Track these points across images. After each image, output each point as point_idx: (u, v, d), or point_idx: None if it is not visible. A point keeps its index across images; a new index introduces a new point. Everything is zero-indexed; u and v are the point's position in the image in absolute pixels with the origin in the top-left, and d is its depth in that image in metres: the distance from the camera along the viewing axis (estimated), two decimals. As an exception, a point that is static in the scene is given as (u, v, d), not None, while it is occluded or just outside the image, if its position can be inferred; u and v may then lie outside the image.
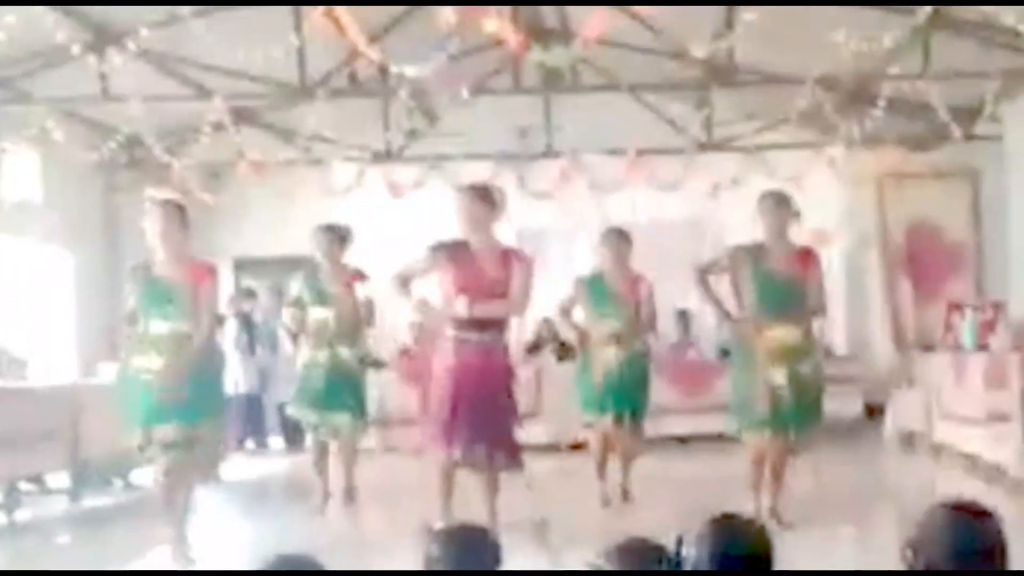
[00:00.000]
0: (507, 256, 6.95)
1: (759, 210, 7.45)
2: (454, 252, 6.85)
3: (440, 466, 6.89)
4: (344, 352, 8.55)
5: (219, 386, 7.44)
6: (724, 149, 14.43)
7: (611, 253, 8.55)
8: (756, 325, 7.29)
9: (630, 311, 8.49)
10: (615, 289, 8.52)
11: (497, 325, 6.94)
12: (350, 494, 8.88)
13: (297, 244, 15.08)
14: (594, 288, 8.58)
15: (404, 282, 6.98)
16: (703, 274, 7.69)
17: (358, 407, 8.72)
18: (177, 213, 6.90)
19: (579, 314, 8.80)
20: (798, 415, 7.30)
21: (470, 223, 6.90)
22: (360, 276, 8.68)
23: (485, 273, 6.82)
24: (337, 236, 8.73)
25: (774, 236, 7.41)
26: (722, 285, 7.65)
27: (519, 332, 8.63)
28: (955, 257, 14.80)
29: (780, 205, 7.44)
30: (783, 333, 7.26)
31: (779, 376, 7.21)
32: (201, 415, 6.81)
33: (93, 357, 12.27)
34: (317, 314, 8.51)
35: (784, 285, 7.32)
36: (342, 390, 8.54)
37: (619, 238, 8.59)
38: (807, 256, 7.53)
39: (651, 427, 8.82)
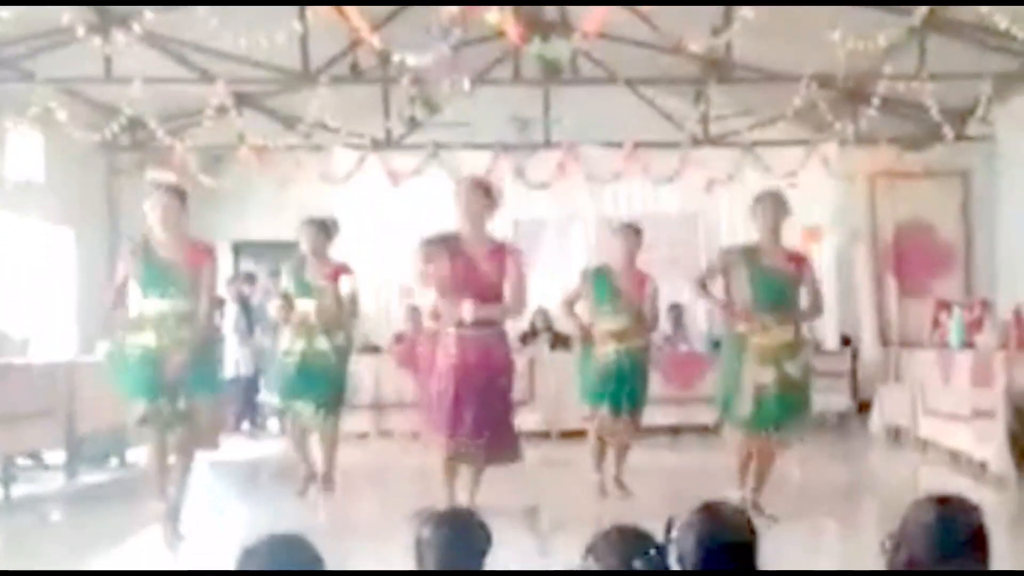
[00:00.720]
0: (500, 251, 7.05)
1: (754, 210, 7.51)
2: (447, 246, 6.93)
3: (443, 456, 6.98)
4: (322, 343, 8.54)
5: (217, 363, 7.55)
6: (720, 144, 14.57)
7: (622, 249, 8.60)
8: (748, 322, 7.36)
9: (634, 309, 8.54)
10: (621, 286, 8.55)
11: (495, 319, 7.07)
12: (328, 482, 8.85)
13: (296, 229, 15.29)
14: (599, 283, 8.60)
15: (410, 290, 7.29)
16: (702, 283, 7.76)
17: (329, 397, 8.71)
18: (177, 197, 7.02)
19: (581, 306, 8.82)
20: (781, 415, 7.37)
21: (467, 215, 7.01)
22: (345, 270, 8.73)
23: (479, 269, 6.92)
24: (323, 229, 8.79)
25: (768, 236, 7.48)
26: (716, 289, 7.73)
27: (513, 321, 8.70)
28: (945, 256, 14.92)
29: (776, 206, 7.49)
30: (774, 332, 7.34)
31: (765, 375, 7.30)
32: (200, 390, 6.95)
33: (92, 335, 12.38)
34: (300, 305, 8.58)
35: (777, 284, 7.40)
36: (313, 380, 8.55)
37: (632, 234, 8.63)
38: (800, 260, 7.64)
39: (643, 418, 8.91)
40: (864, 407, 13.59)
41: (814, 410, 8.02)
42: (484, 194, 7.07)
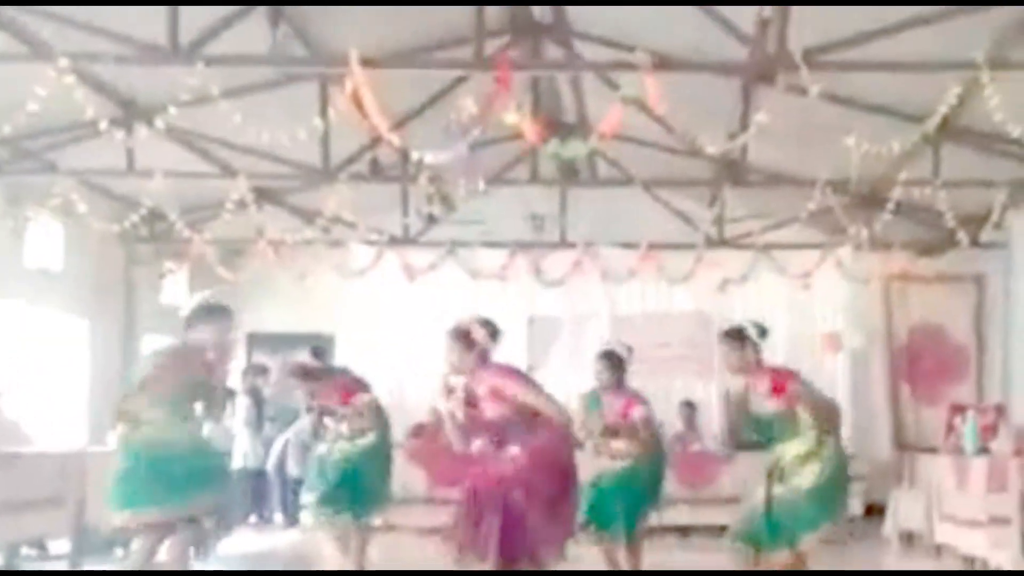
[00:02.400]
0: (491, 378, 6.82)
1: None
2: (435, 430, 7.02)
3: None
4: (361, 442, 8.72)
5: (223, 465, 7.54)
6: (734, 246, 14.65)
7: (604, 377, 8.62)
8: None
9: (625, 433, 8.54)
10: (607, 416, 8.57)
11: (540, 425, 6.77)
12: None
13: (311, 322, 15.41)
14: (592, 408, 8.65)
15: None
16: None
17: (374, 496, 8.84)
18: (233, 325, 7.32)
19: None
20: (797, 527, 7.21)
21: (451, 367, 6.88)
22: (360, 388, 8.94)
23: (483, 415, 6.83)
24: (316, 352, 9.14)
25: (739, 377, 7.44)
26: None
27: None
28: (958, 360, 14.93)
29: (727, 346, 7.44)
30: (786, 450, 7.31)
31: (778, 488, 7.25)
32: (201, 493, 6.90)
33: (103, 425, 12.39)
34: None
35: (771, 419, 7.35)
36: (357, 481, 8.67)
37: (611, 363, 8.63)
38: (780, 381, 7.38)
39: (654, 517, 8.86)
40: (871, 510, 13.48)
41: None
42: (462, 341, 6.85)
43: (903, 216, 13.10)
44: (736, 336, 7.42)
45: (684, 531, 12.67)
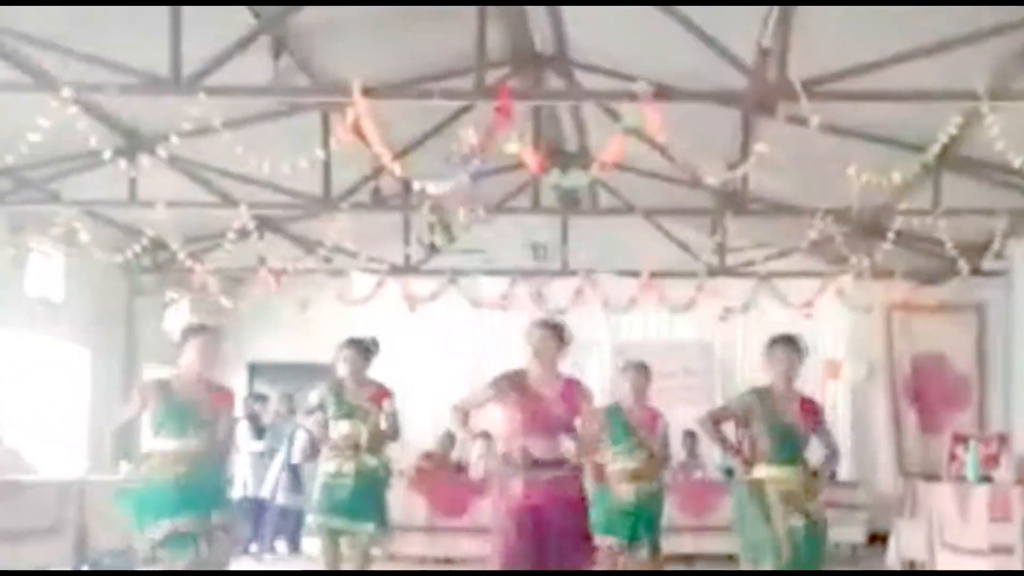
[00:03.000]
0: (570, 389, 6.70)
1: (768, 355, 7.38)
2: (516, 386, 6.61)
3: None
4: (371, 462, 8.61)
5: (228, 487, 7.56)
6: (735, 275, 14.66)
7: (631, 387, 8.55)
8: (757, 467, 7.22)
9: (648, 448, 8.50)
10: (635, 426, 8.51)
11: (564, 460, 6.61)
12: None
13: (312, 351, 15.36)
14: (614, 422, 8.48)
15: (465, 414, 6.78)
16: (715, 421, 7.45)
17: (382, 517, 8.75)
18: (218, 341, 7.24)
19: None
20: (812, 557, 7.15)
21: (536, 356, 6.68)
22: (386, 393, 8.78)
23: (549, 410, 6.57)
24: (363, 349, 8.85)
25: (782, 383, 7.34)
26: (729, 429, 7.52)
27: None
28: (960, 389, 14.94)
29: (791, 352, 7.35)
30: (792, 476, 7.21)
31: (795, 518, 7.11)
32: (214, 514, 6.95)
33: (104, 454, 12.35)
34: (343, 427, 8.57)
35: (792, 433, 7.26)
36: (368, 500, 8.57)
37: (639, 372, 8.59)
38: (813, 409, 7.44)
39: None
40: (874, 539, 13.45)
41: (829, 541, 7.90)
42: (558, 336, 6.75)
43: (904, 245, 13.13)
44: (799, 345, 7.41)
45: (688, 559, 12.65)
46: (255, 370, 16.77)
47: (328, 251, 13.29)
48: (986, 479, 10.57)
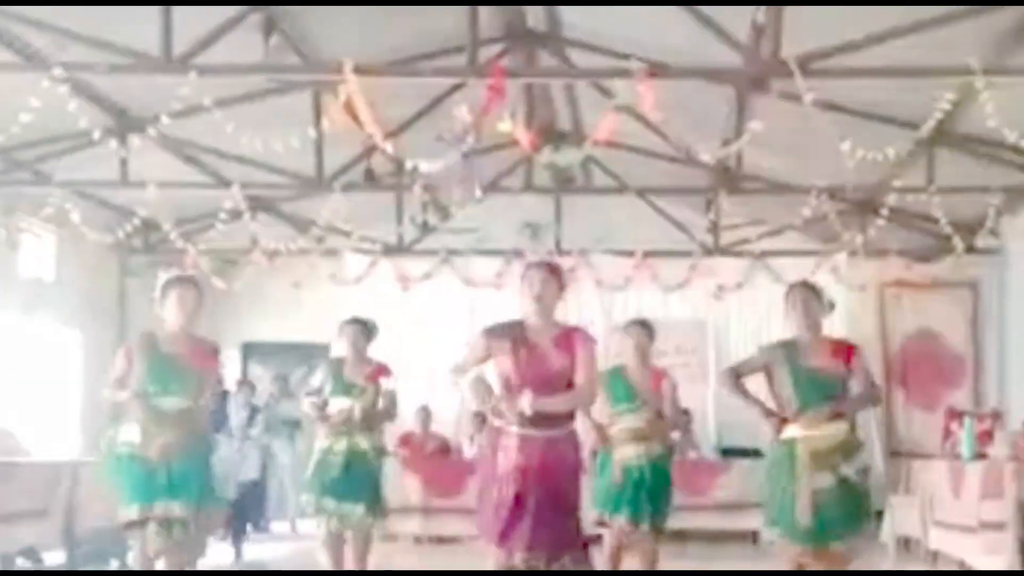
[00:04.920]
0: (570, 338, 6.19)
1: (788, 304, 6.93)
2: (512, 336, 6.16)
3: (497, 564, 6.19)
4: (363, 442, 8.55)
5: (211, 468, 7.37)
6: (730, 253, 14.65)
7: (634, 346, 8.35)
8: (789, 425, 6.77)
9: (653, 408, 8.26)
10: (638, 385, 8.30)
11: (564, 416, 6.19)
12: None
13: (305, 331, 15.41)
14: (615, 383, 8.26)
15: (461, 374, 6.30)
16: (736, 376, 7.05)
17: (374, 498, 8.69)
18: (195, 288, 7.04)
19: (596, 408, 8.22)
20: (844, 523, 6.69)
21: (537, 302, 6.19)
22: (386, 371, 8.75)
23: (547, 360, 6.12)
24: (365, 329, 8.85)
25: (805, 330, 6.87)
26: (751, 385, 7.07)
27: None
28: (954, 366, 14.97)
29: (807, 297, 6.91)
30: (825, 433, 6.70)
31: (822, 479, 6.66)
32: (199, 494, 6.79)
33: (96, 436, 12.34)
34: (340, 404, 8.55)
35: (823, 382, 6.77)
36: (359, 480, 8.53)
37: (642, 330, 8.40)
38: (848, 350, 6.95)
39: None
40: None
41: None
42: (556, 276, 6.30)
43: (898, 223, 13.11)
44: (817, 290, 7.02)
45: (683, 538, 12.64)
46: (248, 350, 16.74)
47: (321, 231, 13.26)
48: (980, 456, 10.58)
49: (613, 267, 14.66)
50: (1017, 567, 8.82)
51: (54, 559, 10.19)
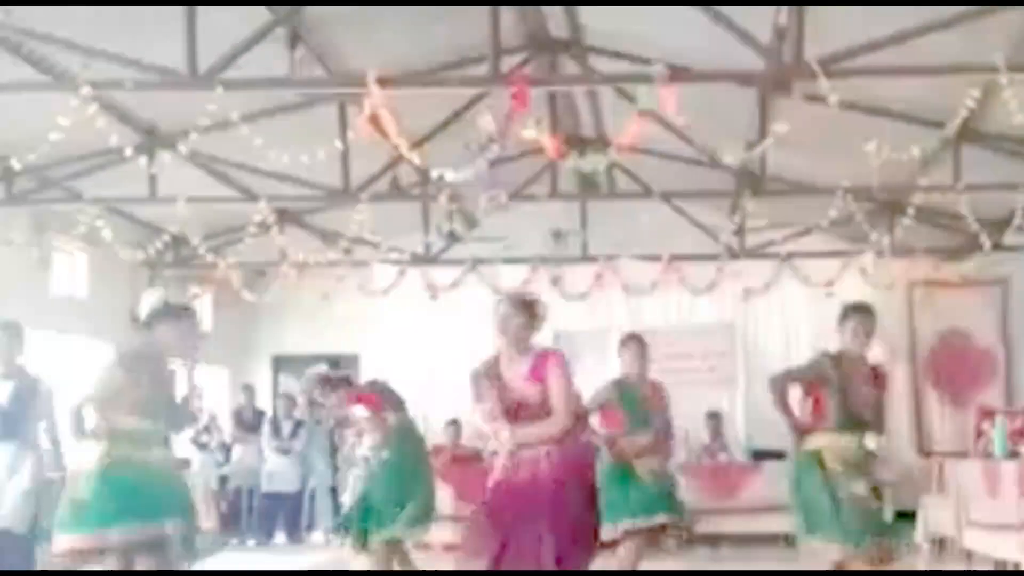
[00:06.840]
0: (542, 365, 6.24)
1: (842, 324, 7.36)
2: (488, 373, 6.30)
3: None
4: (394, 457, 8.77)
5: (184, 484, 7.19)
6: (756, 256, 14.64)
7: (633, 359, 8.40)
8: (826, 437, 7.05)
9: (659, 419, 8.41)
10: (645, 398, 8.40)
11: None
12: None
13: (336, 343, 15.47)
14: (627, 395, 8.36)
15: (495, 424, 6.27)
16: (786, 384, 7.25)
17: (410, 507, 8.83)
18: (194, 326, 6.89)
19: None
20: (882, 524, 7.07)
21: (504, 335, 6.28)
22: (376, 401, 8.96)
23: (517, 393, 6.21)
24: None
25: (858, 351, 7.32)
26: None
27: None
28: (984, 365, 14.91)
29: (867, 322, 7.44)
30: (853, 444, 7.03)
31: (859, 487, 6.92)
32: (169, 514, 6.46)
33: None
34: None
35: (863, 403, 7.16)
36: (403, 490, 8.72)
37: (639, 344, 8.46)
38: (882, 377, 7.46)
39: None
40: (900, 516, 13.41)
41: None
42: (524, 311, 6.30)
43: (925, 222, 13.08)
44: (873, 313, 7.45)
45: (713, 541, 12.65)
46: (279, 363, 16.84)
47: (349, 242, 13.32)
48: (1014, 454, 10.54)
49: (640, 272, 14.67)
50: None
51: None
